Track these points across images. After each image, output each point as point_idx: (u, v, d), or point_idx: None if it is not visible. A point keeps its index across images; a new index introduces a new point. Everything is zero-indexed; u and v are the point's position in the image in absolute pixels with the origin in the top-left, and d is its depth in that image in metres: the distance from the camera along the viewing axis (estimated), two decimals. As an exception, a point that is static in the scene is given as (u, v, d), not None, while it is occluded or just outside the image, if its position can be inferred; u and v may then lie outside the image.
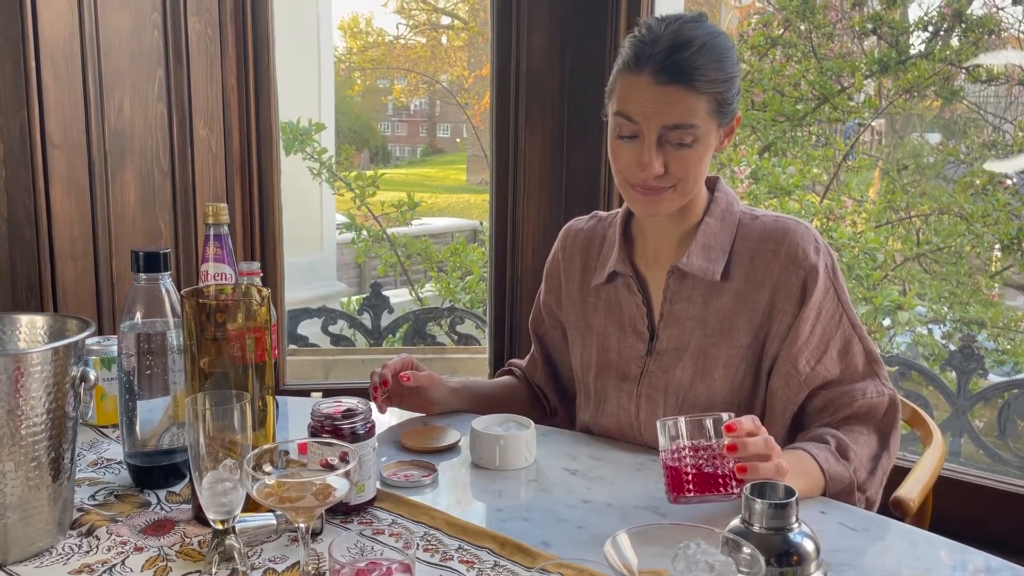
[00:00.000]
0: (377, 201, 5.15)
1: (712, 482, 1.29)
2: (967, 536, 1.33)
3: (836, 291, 1.60)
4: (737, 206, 1.69)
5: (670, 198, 1.59)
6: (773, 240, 1.60)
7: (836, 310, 1.59)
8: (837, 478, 1.48)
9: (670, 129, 1.52)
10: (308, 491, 1.08)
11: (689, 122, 1.52)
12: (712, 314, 1.62)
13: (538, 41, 2.67)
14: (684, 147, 1.54)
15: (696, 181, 1.60)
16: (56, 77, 2.37)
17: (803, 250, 1.58)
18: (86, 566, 1.21)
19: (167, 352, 1.42)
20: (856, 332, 1.61)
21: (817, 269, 1.57)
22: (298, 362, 3.70)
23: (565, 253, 1.86)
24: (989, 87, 4.76)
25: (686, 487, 1.30)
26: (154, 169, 2.59)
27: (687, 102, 1.52)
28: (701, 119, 1.53)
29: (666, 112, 1.52)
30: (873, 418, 1.57)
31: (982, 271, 4.65)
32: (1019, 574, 1.22)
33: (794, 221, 1.63)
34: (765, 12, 5.14)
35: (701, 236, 1.64)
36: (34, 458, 1.20)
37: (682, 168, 1.55)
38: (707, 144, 1.57)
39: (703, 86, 1.51)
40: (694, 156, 1.55)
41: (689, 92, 1.51)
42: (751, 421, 1.33)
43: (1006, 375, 4.31)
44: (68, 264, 2.44)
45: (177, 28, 2.56)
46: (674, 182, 1.56)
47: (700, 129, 1.54)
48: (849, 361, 1.60)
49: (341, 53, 11.10)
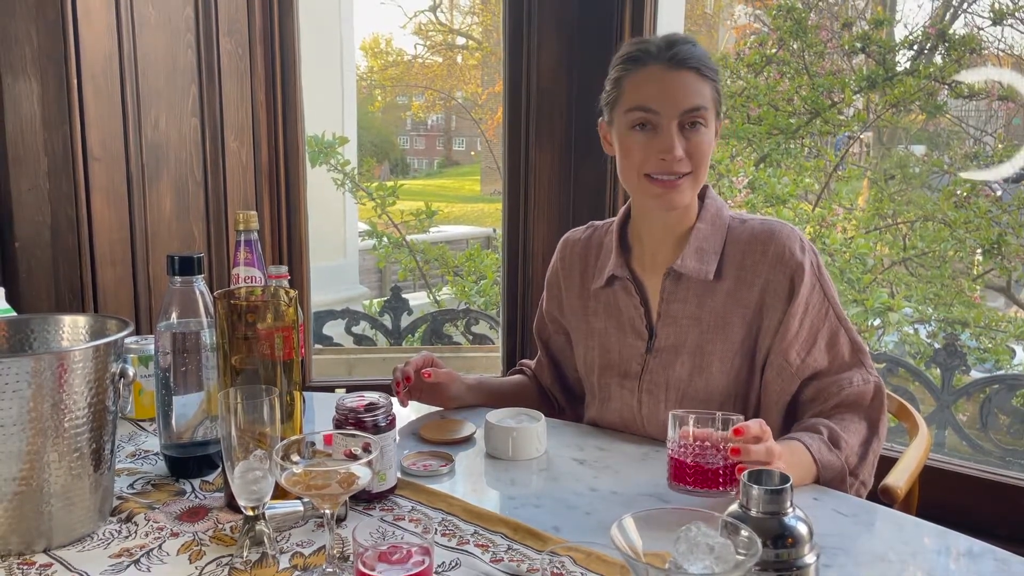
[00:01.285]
0: (397, 210, 5.15)
1: (712, 479, 1.29)
2: (951, 522, 1.33)
3: (822, 286, 1.60)
4: (725, 211, 1.69)
5: (687, 187, 1.59)
6: (761, 241, 1.60)
7: (822, 304, 1.59)
8: (829, 467, 1.47)
9: (687, 113, 1.55)
10: (333, 479, 1.08)
11: (703, 104, 1.56)
12: (707, 312, 1.62)
13: (547, 61, 2.67)
14: (699, 126, 1.57)
15: (707, 168, 1.62)
16: (96, 94, 2.37)
17: (789, 249, 1.58)
18: (125, 550, 1.21)
19: (201, 350, 1.43)
20: (842, 324, 1.61)
21: (803, 266, 1.57)
22: (323, 360, 3.70)
23: (564, 263, 1.85)
24: (971, 102, 4.75)
25: (687, 479, 1.31)
26: (188, 180, 2.59)
27: (697, 85, 1.56)
28: (708, 103, 1.57)
29: (683, 95, 1.56)
30: (861, 405, 1.57)
31: (964, 274, 4.64)
32: (999, 556, 1.22)
33: (779, 223, 1.64)
34: (760, 32, 5.14)
35: (694, 240, 1.64)
36: (76, 449, 1.20)
37: (699, 150, 1.57)
38: (713, 130, 1.60)
39: (707, 72, 1.57)
40: (707, 139, 1.58)
41: (697, 77, 1.56)
42: (759, 426, 1.32)
43: (987, 371, 4.29)
44: (108, 268, 2.45)
45: (210, 48, 2.57)
46: (691, 168, 1.57)
47: (710, 112, 1.58)
48: (836, 352, 1.59)
49: (363, 71, 11.13)
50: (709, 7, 7.14)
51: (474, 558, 1.19)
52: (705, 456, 1.30)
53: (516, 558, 1.19)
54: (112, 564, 1.17)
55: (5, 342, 1.37)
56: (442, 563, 1.17)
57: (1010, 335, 4.43)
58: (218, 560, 1.18)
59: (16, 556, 1.18)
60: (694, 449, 1.31)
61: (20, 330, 1.38)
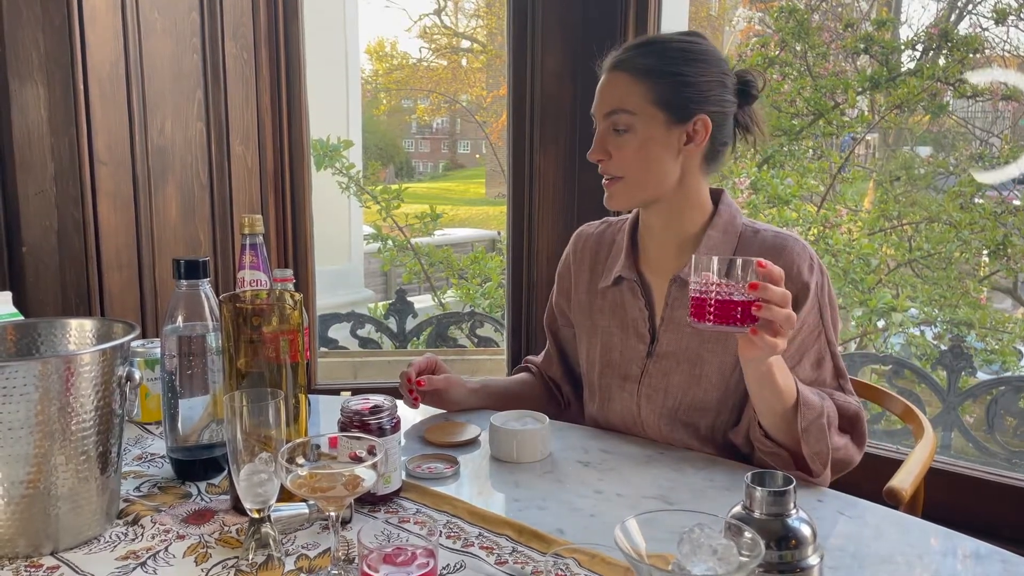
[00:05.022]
0: (402, 213, 5.16)
1: (731, 314, 1.30)
2: (957, 524, 1.33)
3: (820, 310, 1.59)
4: (739, 219, 1.68)
5: (620, 190, 1.63)
6: (772, 255, 1.57)
7: (816, 327, 1.59)
8: (809, 403, 1.47)
9: (607, 116, 1.59)
10: (338, 482, 1.08)
11: (623, 107, 1.57)
12: None
13: (551, 65, 2.67)
14: (620, 132, 1.58)
15: (645, 173, 1.61)
16: (103, 98, 2.38)
17: (798, 267, 1.58)
18: (132, 553, 1.21)
19: (206, 353, 1.43)
20: (830, 350, 1.61)
21: (808, 287, 1.57)
22: (328, 363, 3.71)
23: (576, 256, 1.86)
24: (977, 103, 4.74)
25: (707, 316, 1.31)
26: (194, 184, 2.60)
27: (622, 88, 1.58)
28: (637, 106, 1.57)
29: (605, 97, 1.60)
30: (845, 413, 1.56)
31: (970, 276, 4.64)
32: (1006, 558, 1.22)
33: (793, 239, 1.62)
34: (763, 34, 5.14)
35: (703, 247, 1.63)
36: (83, 452, 1.21)
37: (620, 153, 1.59)
38: (648, 135, 1.58)
39: (640, 75, 1.57)
40: (630, 143, 1.58)
41: (627, 78, 1.58)
42: (780, 271, 1.32)
43: (994, 373, 4.29)
44: (114, 272, 2.45)
45: (215, 52, 2.58)
46: (620, 171, 1.60)
47: (637, 117, 1.57)
48: (820, 374, 1.61)
49: (368, 75, 11.13)
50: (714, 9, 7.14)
51: (479, 560, 1.19)
52: (724, 294, 1.30)
53: (521, 560, 1.19)
54: (119, 567, 1.17)
55: (13, 346, 1.37)
56: (447, 565, 1.17)
57: (1016, 336, 4.43)
58: (224, 562, 1.18)
59: (23, 559, 1.19)
60: (716, 287, 1.31)
61: (27, 334, 1.39)
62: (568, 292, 1.87)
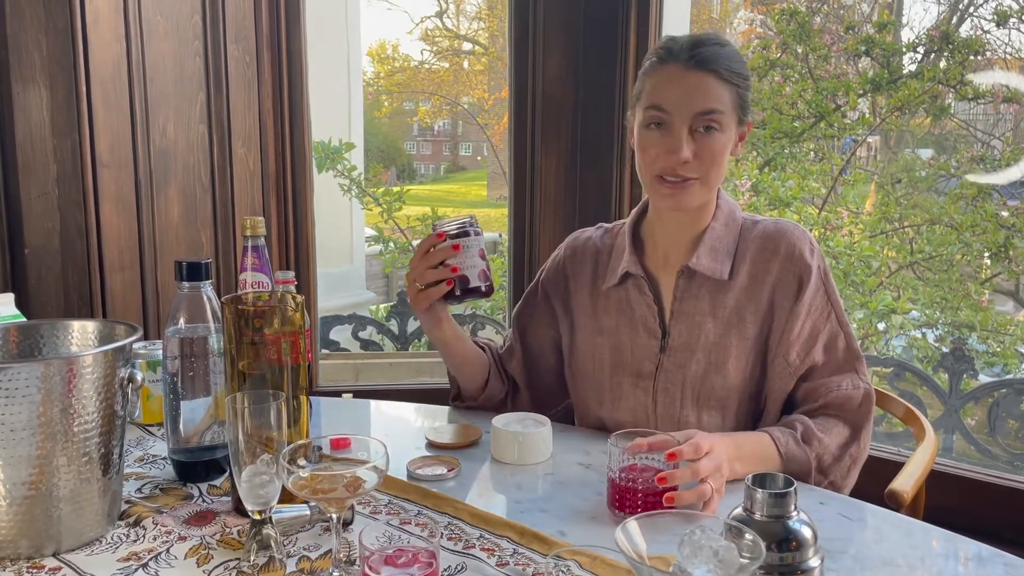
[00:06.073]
0: (403, 215, 5.16)
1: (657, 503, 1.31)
2: (959, 526, 1.33)
3: (826, 290, 1.62)
4: (738, 212, 1.72)
5: (696, 190, 1.60)
6: (773, 240, 1.64)
7: (825, 307, 1.62)
8: (794, 459, 1.50)
9: (699, 116, 1.55)
10: (339, 483, 1.08)
11: (717, 107, 1.55)
12: (720, 309, 1.64)
13: (553, 68, 2.67)
14: (712, 131, 1.56)
15: (719, 173, 1.61)
16: (105, 101, 2.38)
17: (799, 250, 1.62)
18: (133, 554, 1.21)
19: (208, 355, 1.43)
20: (842, 329, 1.63)
21: (811, 268, 1.61)
22: (330, 365, 3.71)
23: (575, 258, 1.84)
24: (978, 105, 4.74)
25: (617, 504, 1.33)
26: (196, 186, 2.60)
27: (715, 89, 1.56)
28: (726, 107, 1.56)
29: (696, 97, 1.55)
30: (847, 409, 1.58)
31: (972, 278, 4.64)
32: (1008, 561, 1.21)
33: (791, 224, 1.67)
34: (764, 36, 5.14)
35: (708, 239, 1.65)
36: (85, 453, 1.21)
37: (709, 154, 1.57)
38: (729, 136, 1.59)
39: (727, 75, 1.56)
40: (719, 143, 1.57)
41: (716, 79, 1.55)
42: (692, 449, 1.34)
43: (995, 376, 4.29)
44: (116, 274, 2.45)
45: (217, 55, 2.58)
46: (700, 172, 1.58)
47: (725, 117, 1.57)
48: (832, 354, 1.62)
49: (369, 77, 11.14)
50: (716, 12, 7.14)
51: (480, 562, 1.19)
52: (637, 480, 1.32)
53: (522, 562, 1.19)
54: (120, 568, 1.17)
55: (15, 347, 1.37)
56: (448, 567, 1.17)
57: (1018, 339, 4.43)
58: (225, 564, 1.18)
59: (25, 560, 1.19)
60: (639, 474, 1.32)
61: (30, 335, 1.39)
62: (565, 295, 1.84)
